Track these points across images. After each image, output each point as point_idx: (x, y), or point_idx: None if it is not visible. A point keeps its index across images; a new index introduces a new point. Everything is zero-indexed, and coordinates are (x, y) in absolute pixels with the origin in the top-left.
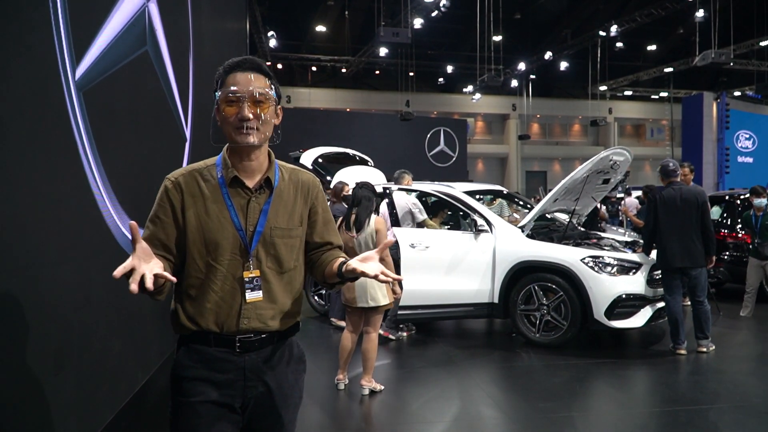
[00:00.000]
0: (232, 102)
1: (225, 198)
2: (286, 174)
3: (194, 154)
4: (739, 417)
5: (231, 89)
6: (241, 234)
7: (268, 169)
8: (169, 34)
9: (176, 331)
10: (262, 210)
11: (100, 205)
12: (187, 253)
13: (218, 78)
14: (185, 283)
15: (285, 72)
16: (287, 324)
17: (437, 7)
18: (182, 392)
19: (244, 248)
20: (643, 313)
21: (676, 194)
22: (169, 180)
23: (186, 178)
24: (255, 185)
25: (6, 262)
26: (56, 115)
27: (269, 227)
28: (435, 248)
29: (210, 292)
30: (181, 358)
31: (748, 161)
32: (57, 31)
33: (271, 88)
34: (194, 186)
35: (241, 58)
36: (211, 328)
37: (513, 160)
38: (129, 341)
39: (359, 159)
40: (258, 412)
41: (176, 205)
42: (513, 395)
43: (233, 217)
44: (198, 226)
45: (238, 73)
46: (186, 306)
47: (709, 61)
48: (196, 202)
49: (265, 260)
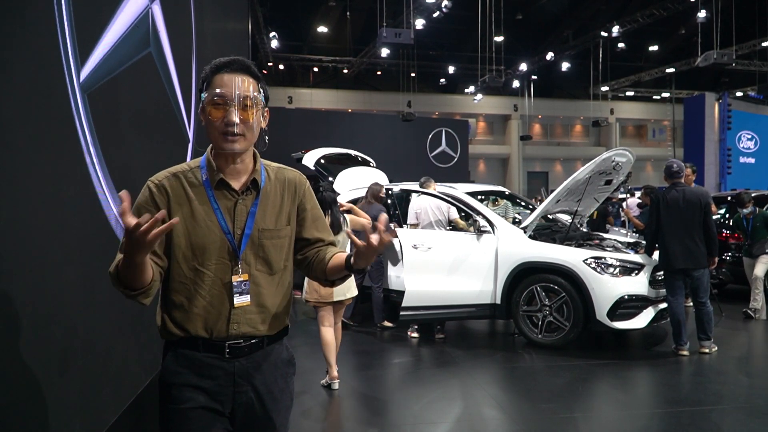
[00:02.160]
0: (219, 105)
1: (211, 201)
2: (272, 173)
3: (197, 155)
4: (742, 418)
5: (218, 92)
6: (229, 237)
7: (254, 170)
8: (173, 35)
9: (163, 337)
10: (249, 212)
11: (104, 206)
12: (172, 257)
13: (204, 78)
14: (171, 288)
15: (286, 73)
16: (277, 328)
17: (439, 7)
18: (172, 399)
19: (232, 252)
20: (646, 314)
21: (679, 195)
22: (153, 182)
23: (170, 180)
24: (241, 187)
25: (11, 263)
26: (61, 117)
27: (257, 229)
28: (437, 249)
29: (198, 297)
30: (169, 364)
31: (750, 162)
32: (62, 33)
33: (259, 92)
34: (179, 189)
35: (229, 58)
36: (200, 333)
37: (514, 161)
38: (132, 342)
39: (361, 160)
40: (249, 418)
41: (162, 208)
42: (515, 396)
43: (220, 221)
44: (184, 231)
45: (226, 74)
46: (173, 312)
47: (711, 61)
48: (182, 206)
49: (255, 263)
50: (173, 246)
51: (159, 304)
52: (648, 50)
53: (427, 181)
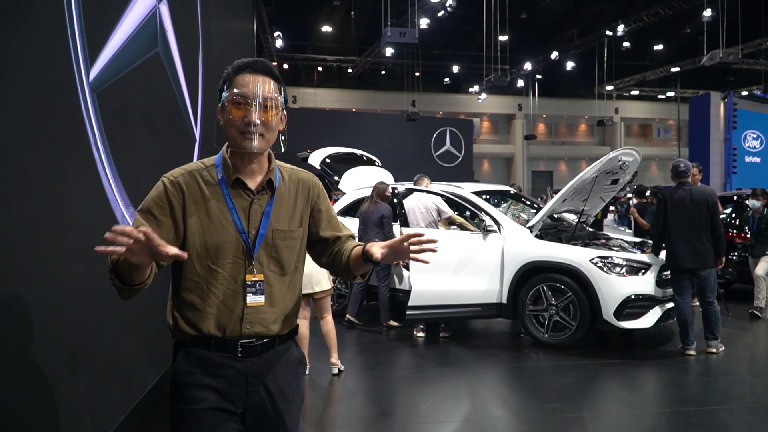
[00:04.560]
0: (239, 104)
1: (227, 200)
2: (286, 174)
3: (204, 154)
4: (750, 418)
5: (240, 91)
6: (243, 237)
7: (269, 171)
8: (180, 35)
9: (175, 336)
10: (264, 212)
11: (113, 204)
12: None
13: (226, 77)
14: (184, 287)
15: (291, 72)
16: (288, 327)
17: (443, 7)
18: (183, 399)
19: (246, 251)
20: (653, 314)
21: (686, 195)
22: (168, 179)
23: (186, 178)
24: (257, 187)
25: (22, 262)
26: (71, 116)
27: (271, 229)
28: (443, 248)
29: (211, 296)
30: (181, 364)
31: (756, 161)
32: (72, 33)
33: (280, 93)
34: (195, 187)
35: (252, 59)
36: (212, 332)
37: (519, 160)
38: (141, 341)
39: (366, 159)
40: (260, 417)
41: (176, 206)
42: (522, 395)
43: (235, 220)
44: (199, 229)
45: (248, 74)
46: (185, 311)
47: (716, 60)
48: (198, 204)
49: (267, 263)
50: (188, 245)
51: (170, 304)
52: (653, 49)
53: (420, 179)
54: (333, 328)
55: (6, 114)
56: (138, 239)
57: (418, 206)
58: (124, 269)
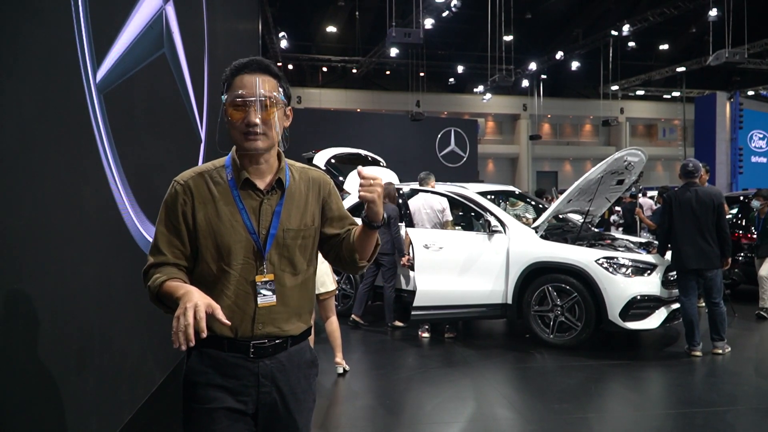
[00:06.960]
0: (239, 106)
1: (236, 201)
2: (296, 173)
3: (209, 155)
4: (756, 419)
5: (237, 93)
6: (254, 237)
7: (279, 170)
8: (186, 36)
9: None
10: (274, 212)
11: (120, 205)
12: (200, 257)
13: (225, 80)
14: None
15: (295, 72)
16: (301, 328)
17: (448, 7)
18: (196, 399)
19: (257, 252)
20: (658, 315)
21: (692, 195)
22: (179, 183)
23: (195, 180)
24: (266, 187)
25: (30, 263)
26: (78, 117)
27: (282, 229)
28: (449, 249)
29: (223, 297)
30: (194, 364)
31: (762, 161)
32: (78, 34)
33: (279, 91)
34: (204, 188)
35: (248, 59)
36: (225, 333)
37: (523, 161)
38: (147, 341)
39: (371, 159)
40: (272, 418)
41: (186, 209)
42: (528, 396)
43: (246, 221)
44: (209, 231)
45: (246, 75)
46: None
47: (722, 60)
48: (207, 205)
49: (279, 263)
50: (200, 247)
51: None
52: (658, 49)
53: (427, 177)
54: (338, 328)
55: (14, 115)
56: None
57: (423, 206)
58: (167, 299)
